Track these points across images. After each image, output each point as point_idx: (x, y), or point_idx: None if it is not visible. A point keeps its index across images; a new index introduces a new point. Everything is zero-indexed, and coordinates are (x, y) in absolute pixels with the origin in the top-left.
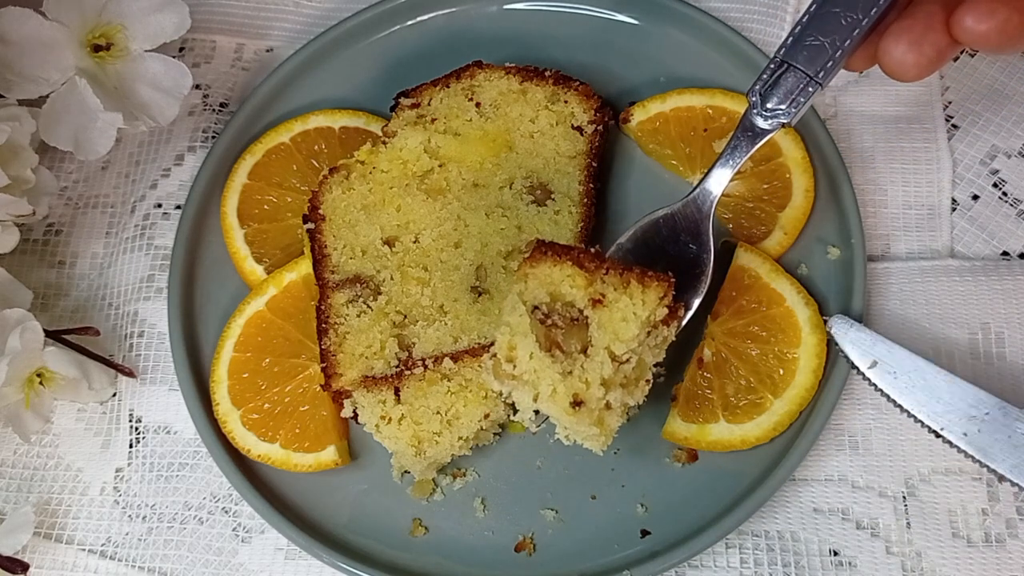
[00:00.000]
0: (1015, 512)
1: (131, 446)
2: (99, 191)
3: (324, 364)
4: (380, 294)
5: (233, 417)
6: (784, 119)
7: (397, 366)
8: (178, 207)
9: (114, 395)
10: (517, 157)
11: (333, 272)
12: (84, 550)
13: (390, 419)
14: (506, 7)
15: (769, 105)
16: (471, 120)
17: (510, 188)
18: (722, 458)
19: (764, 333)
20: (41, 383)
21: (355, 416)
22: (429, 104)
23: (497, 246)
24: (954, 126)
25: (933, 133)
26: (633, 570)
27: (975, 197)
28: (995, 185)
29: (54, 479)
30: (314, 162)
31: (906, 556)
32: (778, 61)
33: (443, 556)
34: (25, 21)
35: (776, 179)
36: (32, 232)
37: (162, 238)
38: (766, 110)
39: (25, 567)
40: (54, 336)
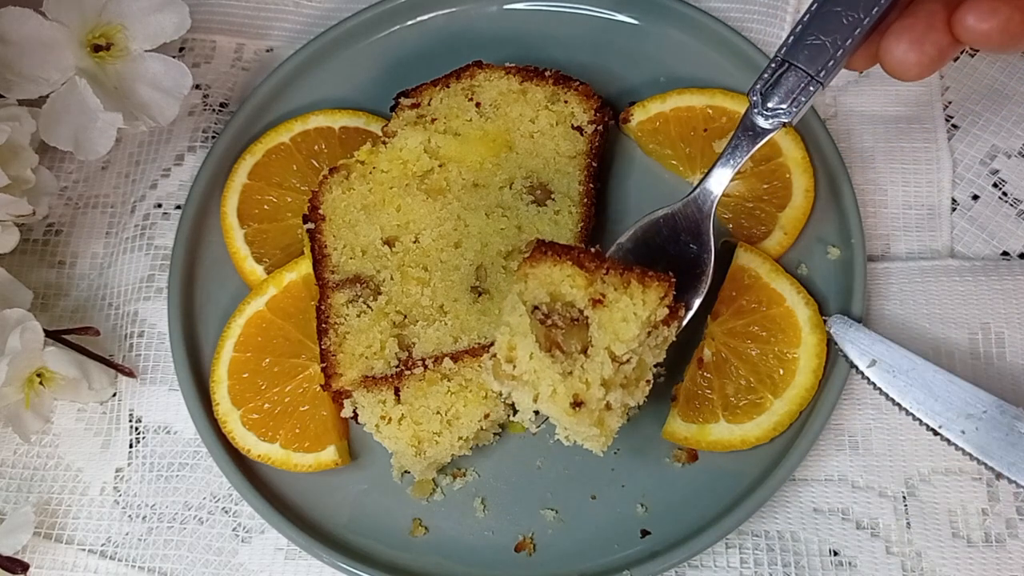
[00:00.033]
0: (1015, 512)
1: (131, 446)
2: (99, 191)
3: (324, 364)
4: (380, 294)
5: (233, 417)
6: (785, 118)
7: (397, 366)
8: (178, 207)
9: (114, 395)
10: (517, 157)
11: (333, 272)
12: (84, 550)
13: (390, 419)
14: (506, 7)
15: (770, 104)
16: (471, 120)
17: (510, 188)
18: (722, 458)
19: (764, 333)
20: (41, 383)
21: (355, 416)
22: (429, 104)
23: (497, 246)
24: (954, 126)
25: (933, 133)
26: (633, 570)
27: (975, 197)
28: (995, 185)
29: (54, 479)
30: (314, 162)
31: (906, 556)
32: (779, 60)
33: (443, 556)
34: (25, 21)
35: (776, 179)
36: (32, 232)
37: (162, 238)
38: (767, 109)
39: (25, 567)
40: (54, 336)
